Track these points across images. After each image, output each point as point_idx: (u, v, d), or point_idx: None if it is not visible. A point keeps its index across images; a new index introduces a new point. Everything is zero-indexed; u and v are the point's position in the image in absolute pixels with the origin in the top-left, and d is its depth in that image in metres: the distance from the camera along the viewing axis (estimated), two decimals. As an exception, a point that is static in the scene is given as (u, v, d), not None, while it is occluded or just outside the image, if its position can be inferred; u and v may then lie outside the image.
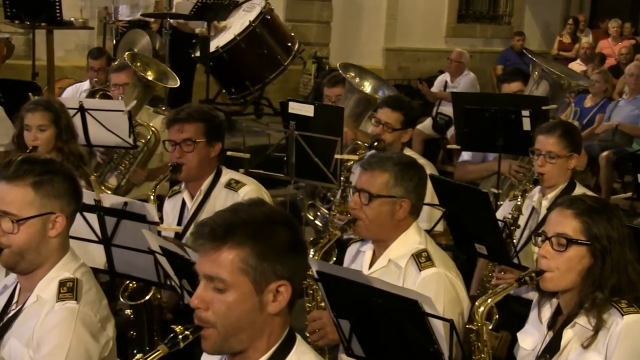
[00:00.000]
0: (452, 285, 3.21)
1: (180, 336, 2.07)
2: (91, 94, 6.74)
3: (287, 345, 2.13)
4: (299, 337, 2.17)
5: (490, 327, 3.45)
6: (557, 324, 2.83)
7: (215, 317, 2.04)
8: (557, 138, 4.23)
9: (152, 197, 4.22)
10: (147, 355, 2.12)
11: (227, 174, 4.22)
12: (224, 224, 2.04)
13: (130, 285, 3.86)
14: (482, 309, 2.77)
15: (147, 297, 3.85)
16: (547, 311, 2.89)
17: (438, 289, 3.15)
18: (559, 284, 2.77)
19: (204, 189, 4.17)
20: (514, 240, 4.11)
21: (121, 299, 3.81)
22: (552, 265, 2.75)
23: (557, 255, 2.74)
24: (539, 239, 2.81)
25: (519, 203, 4.18)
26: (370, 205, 3.26)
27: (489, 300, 2.78)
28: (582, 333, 2.73)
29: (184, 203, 4.24)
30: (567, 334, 2.76)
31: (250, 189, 4.14)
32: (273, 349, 2.11)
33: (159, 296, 3.89)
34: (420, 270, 3.20)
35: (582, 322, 2.73)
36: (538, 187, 4.33)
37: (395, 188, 3.27)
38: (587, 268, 2.73)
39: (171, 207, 4.29)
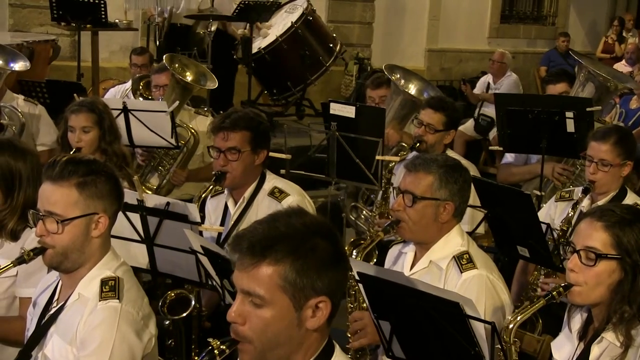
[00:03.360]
0: (494, 288, 3.18)
1: (217, 351, 2.04)
2: (137, 80, 6.80)
3: (326, 356, 2.09)
4: (337, 347, 2.13)
5: (536, 333, 3.41)
6: (588, 335, 2.76)
7: (252, 332, 2.01)
8: (611, 145, 4.13)
9: (196, 197, 4.20)
10: None
11: (271, 181, 4.15)
12: (263, 238, 1.99)
13: (169, 296, 3.85)
14: (511, 326, 2.70)
15: (187, 312, 3.82)
16: (577, 321, 2.82)
17: (479, 291, 3.12)
18: (588, 298, 2.67)
19: (247, 196, 4.11)
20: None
21: (161, 313, 3.80)
22: (580, 280, 2.64)
23: (586, 269, 2.63)
24: (568, 249, 2.71)
25: (570, 215, 4.10)
26: (414, 207, 3.24)
27: (518, 318, 2.71)
28: (610, 349, 2.64)
29: (226, 207, 4.20)
30: (595, 350, 2.68)
31: (294, 201, 4.05)
32: None
33: (197, 306, 3.87)
34: (461, 272, 3.18)
35: (610, 337, 2.64)
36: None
37: (439, 190, 3.24)
38: (617, 282, 2.62)
39: (213, 207, 4.28)
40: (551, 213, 4.32)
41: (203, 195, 4.09)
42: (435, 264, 3.27)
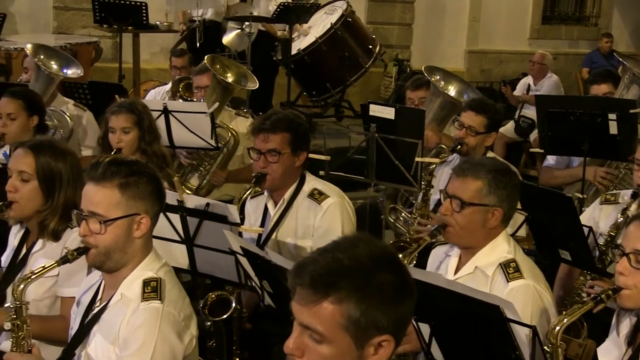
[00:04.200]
0: (541, 298, 3.12)
1: None
2: (177, 82, 6.85)
3: None
4: None
5: (581, 338, 3.36)
6: (637, 340, 2.72)
7: None
8: None
9: (236, 199, 4.21)
10: None
11: (311, 182, 4.14)
12: (326, 273, 1.88)
13: (210, 297, 3.87)
14: (557, 328, 2.66)
15: (228, 314, 3.84)
16: (625, 326, 2.78)
17: (526, 301, 3.07)
18: (638, 301, 2.64)
19: (287, 197, 4.11)
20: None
21: (202, 314, 3.82)
22: (629, 283, 2.61)
23: (636, 273, 2.60)
24: (617, 253, 2.68)
25: (619, 221, 4.04)
26: (462, 213, 3.20)
27: (565, 320, 2.68)
28: None
29: (266, 208, 4.20)
30: None
31: (333, 202, 4.05)
32: None
33: (238, 307, 3.88)
34: (508, 281, 3.13)
35: None
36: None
37: (488, 196, 3.20)
38: None
39: (253, 208, 4.29)
40: (595, 216, 4.25)
41: (243, 197, 4.10)
42: (480, 270, 3.23)
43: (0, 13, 8.69)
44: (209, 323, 3.82)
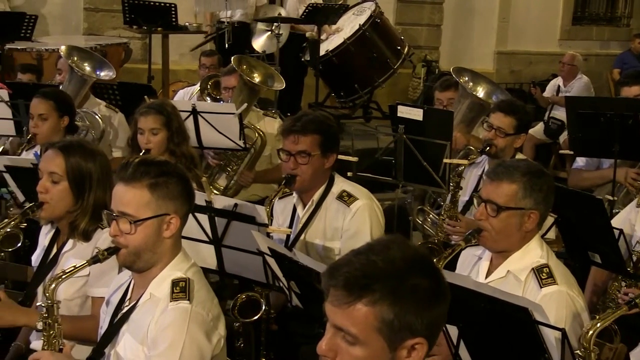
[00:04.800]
0: (574, 303, 3.09)
1: None
2: (207, 79, 6.88)
3: None
4: None
5: (614, 343, 3.33)
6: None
7: None
8: None
9: (267, 200, 4.21)
10: None
11: (339, 184, 4.13)
12: (360, 275, 1.87)
13: (240, 299, 3.88)
14: (591, 333, 2.63)
15: (258, 316, 3.84)
16: None
17: (559, 307, 3.04)
18: None
19: (316, 199, 4.11)
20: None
21: (232, 316, 3.83)
22: None
23: None
24: None
25: None
26: (498, 217, 3.16)
27: (598, 325, 2.65)
28: None
29: (294, 209, 4.20)
30: None
31: (362, 205, 4.03)
32: None
33: (267, 308, 3.88)
34: (541, 287, 3.09)
35: None
36: None
37: (524, 200, 3.16)
38: None
39: (281, 209, 4.29)
40: (631, 218, 4.18)
41: (273, 199, 4.11)
42: (513, 275, 3.20)
43: (32, 15, 8.78)
44: (237, 324, 3.83)
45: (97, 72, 6.22)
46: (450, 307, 2.47)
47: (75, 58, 6.16)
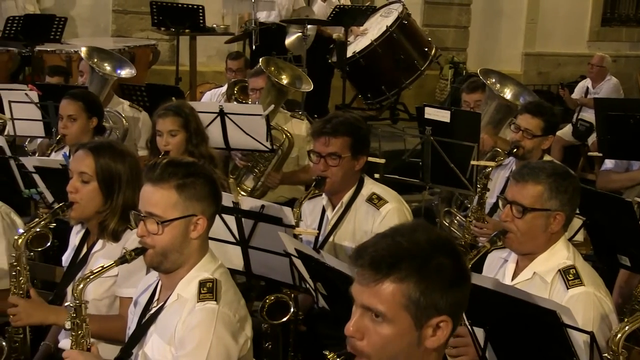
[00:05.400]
0: (602, 305, 3.06)
1: None
2: (232, 85, 6.90)
3: None
4: None
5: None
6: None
7: (370, 348, 1.97)
8: None
9: (298, 202, 4.20)
10: None
11: (369, 186, 4.12)
12: (387, 254, 1.94)
13: (269, 300, 3.89)
14: (619, 336, 2.60)
15: (287, 318, 3.84)
16: None
17: (587, 308, 3.01)
18: None
19: (346, 201, 4.10)
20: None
21: (260, 318, 3.83)
22: None
23: None
24: None
25: None
26: (524, 219, 3.15)
27: (627, 328, 2.62)
28: None
29: (323, 210, 4.19)
30: None
31: (392, 208, 4.02)
32: None
33: (295, 311, 3.88)
34: (567, 288, 3.08)
35: None
36: None
37: (550, 201, 3.15)
38: None
39: (310, 210, 4.28)
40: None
41: (303, 201, 4.12)
42: (539, 276, 3.18)
43: (62, 17, 8.86)
44: (265, 325, 3.83)
45: (118, 71, 6.27)
46: (477, 309, 2.49)
47: (96, 59, 6.22)
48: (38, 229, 3.51)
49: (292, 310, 3.84)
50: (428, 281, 1.92)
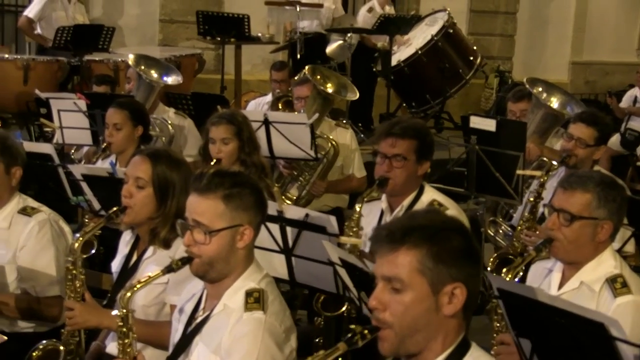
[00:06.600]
0: None
1: (359, 335, 2.13)
2: (275, 101, 6.93)
3: (463, 349, 2.16)
4: (474, 343, 2.19)
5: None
6: None
7: (392, 317, 2.09)
8: None
9: (357, 208, 4.19)
10: (327, 352, 2.20)
11: (429, 193, 4.10)
12: (402, 227, 2.12)
13: (322, 294, 3.88)
14: None
15: (343, 309, 3.83)
16: None
17: (635, 317, 2.98)
18: None
19: (406, 204, 4.06)
20: None
21: (315, 310, 3.83)
22: None
23: None
24: None
25: None
26: (571, 227, 3.12)
27: None
28: None
29: (382, 214, 4.16)
30: None
31: (453, 215, 4.02)
32: (448, 351, 2.14)
33: (349, 307, 3.86)
34: (615, 297, 3.05)
35: None
36: None
37: (598, 210, 3.12)
38: None
39: (366, 213, 4.22)
40: None
41: (365, 197, 4.10)
42: (586, 286, 3.15)
43: (110, 27, 8.98)
44: (318, 319, 3.81)
45: (164, 78, 6.33)
46: (522, 319, 2.49)
47: (143, 66, 6.28)
48: (91, 233, 3.55)
49: (346, 304, 3.81)
50: (440, 248, 2.09)
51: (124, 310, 2.88)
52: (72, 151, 6.38)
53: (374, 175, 4.13)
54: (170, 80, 6.38)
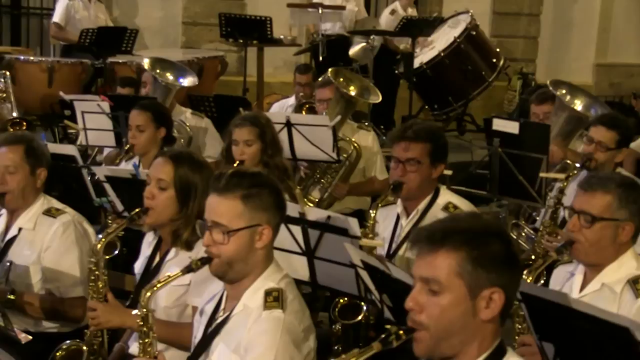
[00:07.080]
0: None
1: (394, 335, 2.12)
2: (298, 108, 6.93)
3: (499, 354, 2.14)
4: (510, 349, 2.18)
5: None
6: None
7: (428, 319, 2.08)
8: None
9: (371, 214, 4.19)
10: (361, 350, 2.21)
11: (445, 195, 4.10)
12: (442, 228, 2.12)
13: (341, 301, 3.88)
14: None
15: (360, 318, 3.81)
16: None
17: None
18: None
19: (421, 208, 4.07)
20: None
21: (332, 317, 3.83)
22: None
23: None
24: None
25: None
26: (592, 229, 3.11)
27: None
28: None
29: (398, 218, 4.16)
30: None
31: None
32: (484, 355, 2.12)
33: (367, 314, 3.85)
34: (637, 298, 3.03)
35: None
36: None
37: (619, 211, 3.10)
38: None
39: (383, 217, 4.22)
40: None
41: (380, 203, 4.10)
42: (608, 287, 3.13)
43: (133, 29, 9.03)
44: (338, 326, 3.81)
45: (180, 80, 6.36)
46: (545, 323, 2.48)
47: (158, 69, 6.32)
48: (114, 234, 3.58)
49: (364, 310, 3.81)
50: (479, 252, 2.07)
51: (144, 310, 2.89)
52: (95, 151, 6.41)
53: (395, 177, 4.11)
54: (186, 82, 6.41)
